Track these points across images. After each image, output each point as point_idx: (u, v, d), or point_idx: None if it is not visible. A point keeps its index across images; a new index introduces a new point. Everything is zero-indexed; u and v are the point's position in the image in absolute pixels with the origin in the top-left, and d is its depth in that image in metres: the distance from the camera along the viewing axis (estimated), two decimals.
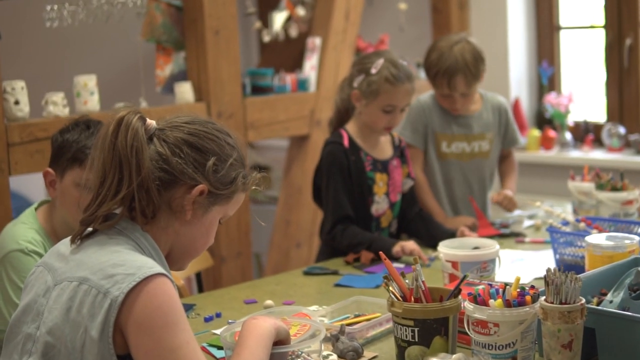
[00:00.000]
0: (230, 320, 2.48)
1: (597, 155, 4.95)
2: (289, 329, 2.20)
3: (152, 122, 1.88)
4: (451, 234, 3.24)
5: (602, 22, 5.04)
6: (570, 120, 5.19)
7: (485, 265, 2.61)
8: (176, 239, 1.89)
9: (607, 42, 5.00)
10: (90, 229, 1.86)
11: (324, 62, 4.51)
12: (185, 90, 3.92)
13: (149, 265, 1.74)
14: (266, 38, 4.51)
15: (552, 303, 1.99)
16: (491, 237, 3.24)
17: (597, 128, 5.12)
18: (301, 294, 2.78)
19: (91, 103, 3.58)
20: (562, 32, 5.32)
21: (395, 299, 2.11)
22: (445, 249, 2.66)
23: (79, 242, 1.85)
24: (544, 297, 2.02)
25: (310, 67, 4.47)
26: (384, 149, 3.39)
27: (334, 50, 4.54)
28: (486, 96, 3.81)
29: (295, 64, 5.36)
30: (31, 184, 5.48)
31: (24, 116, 3.35)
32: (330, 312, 2.44)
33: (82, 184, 2.49)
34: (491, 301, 2.04)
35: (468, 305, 2.06)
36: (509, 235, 3.44)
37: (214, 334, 2.38)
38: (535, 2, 5.29)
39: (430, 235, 3.32)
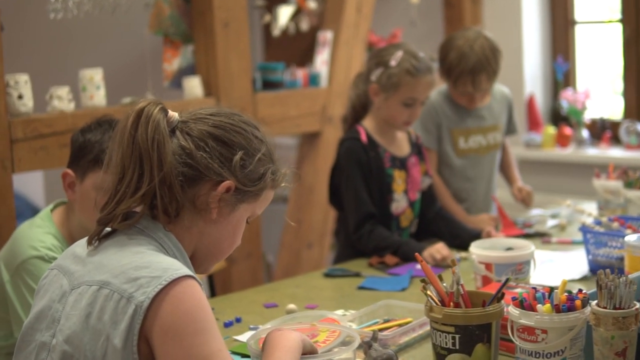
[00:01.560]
0: (251, 326, 2.34)
1: (615, 153, 4.81)
2: (317, 334, 2.07)
3: (174, 114, 1.74)
4: (476, 234, 3.11)
5: (619, 16, 4.90)
6: (587, 117, 5.04)
7: (521, 267, 2.47)
8: (201, 240, 1.75)
9: (625, 37, 4.86)
10: (108, 228, 1.72)
11: (336, 56, 4.37)
12: (194, 85, 3.77)
13: (176, 267, 1.60)
14: (276, 32, 4.36)
15: (605, 308, 1.85)
16: (516, 237, 3.12)
17: (614, 125, 4.98)
18: (323, 297, 2.63)
19: (97, 98, 3.44)
20: (577, 27, 5.17)
21: (434, 304, 1.97)
22: (478, 250, 2.52)
23: (96, 243, 1.71)
24: (594, 302, 1.89)
25: (321, 61, 4.33)
26: (402, 145, 3.25)
27: (346, 45, 4.40)
28: (494, 87, 3.72)
29: (302, 59, 5.23)
30: (30, 183, 5.33)
31: (28, 111, 3.20)
32: (359, 317, 2.30)
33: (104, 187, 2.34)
34: (539, 306, 1.90)
35: (513, 311, 1.93)
36: (533, 235, 3.30)
37: (237, 340, 2.23)
38: None
39: (453, 235, 3.19)
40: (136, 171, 1.67)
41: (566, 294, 1.95)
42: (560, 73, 5.07)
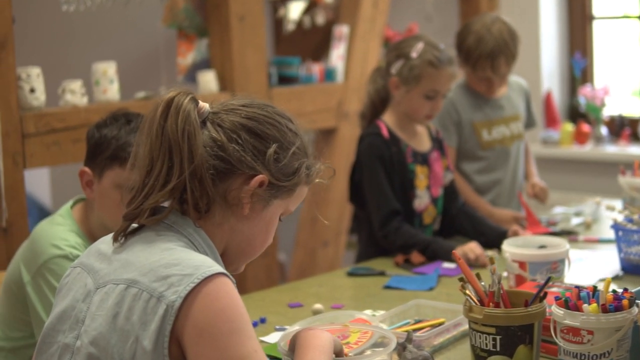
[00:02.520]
0: (277, 327, 2.25)
1: (635, 150, 4.71)
2: (348, 336, 1.99)
3: (205, 105, 1.65)
4: (501, 232, 3.02)
5: (638, 12, 4.81)
6: (605, 114, 4.95)
7: (556, 266, 2.38)
8: (232, 237, 1.66)
9: None
10: (135, 225, 1.63)
11: (352, 51, 4.27)
12: (209, 80, 3.68)
13: (208, 264, 1.51)
14: (290, 26, 4.27)
15: None
16: (542, 235, 3.04)
17: (632, 122, 4.89)
18: (348, 297, 2.55)
19: (111, 92, 3.35)
20: (595, 23, 5.08)
21: (474, 304, 1.88)
22: (512, 248, 2.42)
23: (122, 240, 1.62)
24: None
25: (337, 56, 4.24)
26: (423, 140, 3.16)
27: (362, 39, 4.31)
28: (510, 78, 3.66)
29: (313, 54, 5.14)
30: (36, 180, 5.23)
31: (40, 105, 3.11)
32: (389, 317, 2.21)
33: (123, 185, 2.24)
34: (585, 306, 1.81)
35: (557, 311, 1.84)
36: (559, 233, 3.21)
37: (263, 341, 2.14)
38: None
39: (478, 232, 3.09)
40: (165, 163, 1.58)
41: (611, 293, 1.86)
42: (578, 69, 4.98)
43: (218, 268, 1.50)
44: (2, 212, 2.94)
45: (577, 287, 1.92)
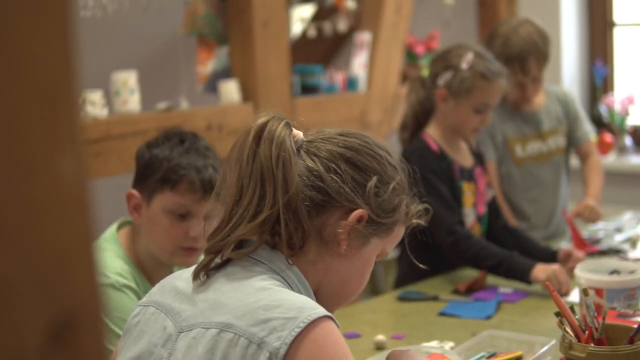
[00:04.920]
0: None
1: None
2: None
3: (299, 133, 1.50)
4: (552, 252, 2.85)
5: None
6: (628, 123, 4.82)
7: (634, 292, 2.22)
8: (326, 277, 1.49)
9: None
10: (217, 260, 1.45)
11: (375, 59, 4.10)
12: (231, 89, 3.50)
13: (311, 305, 1.34)
14: (311, 32, 4.09)
15: None
16: (590, 254, 2.89)
17: None
18: (407, 325, 2.37)
19: (131, 103, 3.17)
20: (616, 30, 4.95)
21: (574, 340, 1.71)
22: (588, 274, 2.26)
23: (203, 278, 1.44)
24: None
25: (359, 64, 4.06)
26: (466, 155, 2.99)
27: (386, 47, 4.14)
28: (549, 89, 3.51)
29: (324, 61, 4.97)
30: None
31: None
32: (464, 350, 2.04)
33: (174, 210, 2.06)
34: None
35: None
36: (607, 251, 3.06)
37: None
38: None
39: (525, 252, 2.88)
40: (257, 193, 1.41)
41: None
42: (600, 77, 4.84)
43: (322, 310, 1.33)
44: None
45: None
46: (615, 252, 3.05)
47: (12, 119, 0.55)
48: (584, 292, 1.80)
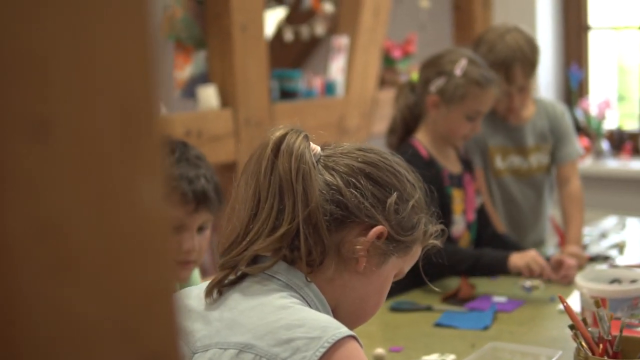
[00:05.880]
0: None
1: (637, 165, 4.57)
2: None
3: (316, 147, 1.46)
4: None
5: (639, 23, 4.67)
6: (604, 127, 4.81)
7: (637, 302, 2.18)
8: (343, 295, 1.43)
9: None
10: (231, 276, 1.38)
11: (353, 63, 4.04)
12: (209, 95, 3.42)
13: (334, 324, 1.28)
14: (288, 36, 4.03)
15: None
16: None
17: (632, 136, 4.75)
18: (404, 337, 2.31)
19: None
20: (591, 33, 4.93)
21: (590, 354, 1.67)
22: (590, 283, 2.22)
23: (216, 295, 1.37)
24: None
25: (336, 68, 4.00)
26: (455, 162, 2.94)
27: (364, 51, 4.08)
28: (540, 101, 3.31)
29: (298, 65, 4.90)
30: None
31: None
32: None
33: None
34: None
35: None
36: (595, 258, 3.02)
37: None
38: (563, 0, 4.91)
39: None
40: (275, 206, 1.35)
41: None
42: (575, 81, 4.83)
43: (347, 330, 1.27)
44: None
45: None
46: (604, 259, 3.02)
47: (93, 139, 0.48)
48: (596, 304, 1.75)
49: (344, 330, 1.26)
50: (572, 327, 1.72)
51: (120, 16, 0.51)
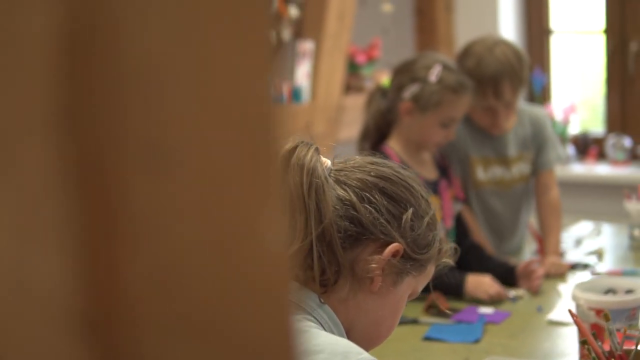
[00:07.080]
0: None
1: (603, 170, 4.54)
2: None
3: (327, 160, 1.37)
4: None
5: (603, 26, 4.64)
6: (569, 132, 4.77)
7: (635, 312, 2.11)
8: (357, 317, 1.34)
9: (610, 48, 4.60)
10: None
11: (319, 69, 3.95)
12: None
13: (355, 350, 1.20)
14: None
15: None
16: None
17: (596, 140, 4.72)
18: (394, 352, 2.22)
19: None
20: (553, 37, 4.89)
21: None
22: (588, 294, 2.14)
23: None
24: None
25: (302, 74, 3.91)
26: (430, 168, 2.87)
27: (329, 56, 3.99)
28: (523, 108, 3.18)
29: None
30: None
31: None
32: None
33: None
34: None
35: None
36: (574, 266, 2.95)
37: None
38: (526, 4, 4.86)
39: (485, 269, 2.76)
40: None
41: None
42: (538, 86, 4.79)
43: (368, 355, 1.19)
44: None
45: None
46: (584, 266, 2.96)
47: (220, 171, 0.38)
48: (605, 317, 1.68)
49: (365, 356, 1.18)
50: (583, 342, 1.64)
51: (241, 31, 0.42)
